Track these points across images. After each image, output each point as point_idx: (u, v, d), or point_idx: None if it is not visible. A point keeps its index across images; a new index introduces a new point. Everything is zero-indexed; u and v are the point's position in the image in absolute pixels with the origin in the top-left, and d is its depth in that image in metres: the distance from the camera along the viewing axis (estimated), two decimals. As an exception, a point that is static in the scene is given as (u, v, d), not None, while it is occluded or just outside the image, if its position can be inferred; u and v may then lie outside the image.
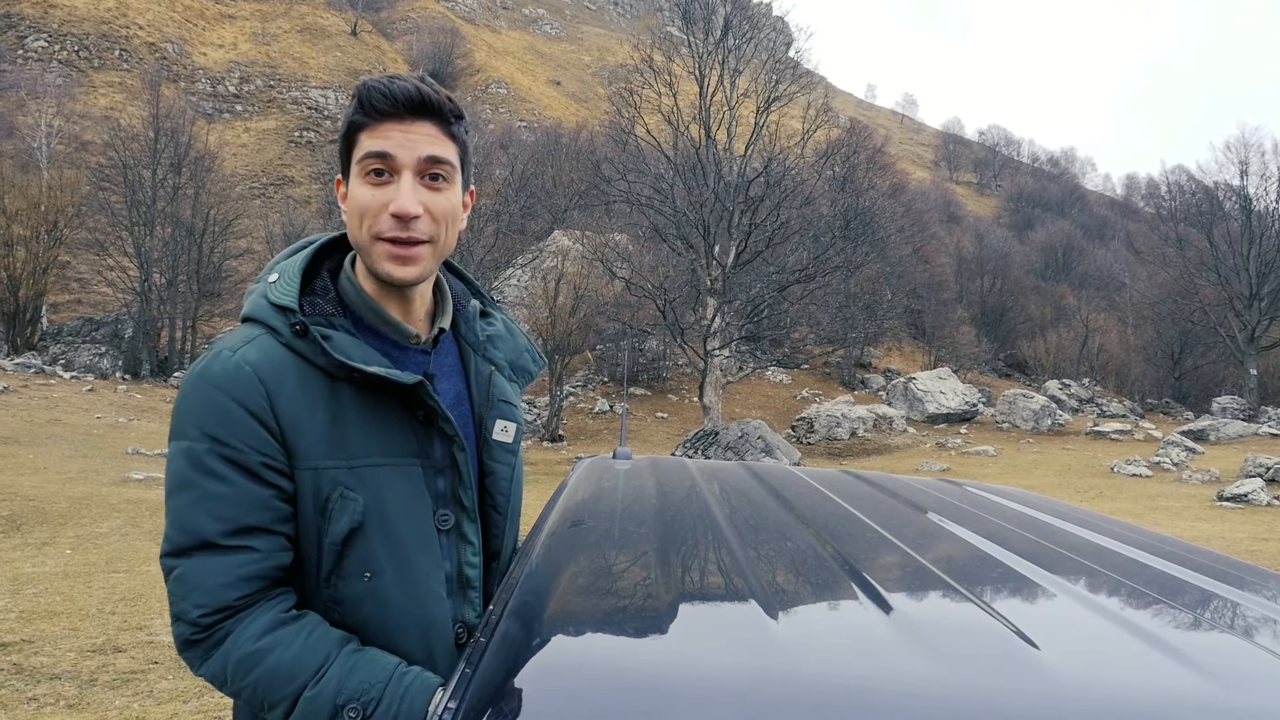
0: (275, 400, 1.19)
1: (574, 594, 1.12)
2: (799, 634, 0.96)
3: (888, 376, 38.51)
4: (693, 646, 0.92)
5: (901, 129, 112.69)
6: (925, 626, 0.97)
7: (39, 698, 4.64)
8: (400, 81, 1.22)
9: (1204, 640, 1.04)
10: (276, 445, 1.20)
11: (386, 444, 1.25)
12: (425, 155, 1.23)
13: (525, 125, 59.00)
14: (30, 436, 16.71)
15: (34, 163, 34.45)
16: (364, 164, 1.23)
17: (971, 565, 1.32)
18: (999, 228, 69.47)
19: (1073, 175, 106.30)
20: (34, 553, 8.22)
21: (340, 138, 1.27)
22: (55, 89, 41.07)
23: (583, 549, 1.39)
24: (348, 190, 1.28)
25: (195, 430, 1.18)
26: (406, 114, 1.22)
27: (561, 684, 0.82)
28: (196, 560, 1.17)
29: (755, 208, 24.80)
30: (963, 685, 0.82)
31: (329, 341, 1.22)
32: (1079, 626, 1.05)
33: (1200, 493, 16.51)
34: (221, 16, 60.05)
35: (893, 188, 47.47)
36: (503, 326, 1.50)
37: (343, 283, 1.33)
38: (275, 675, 1.14)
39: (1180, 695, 0.84)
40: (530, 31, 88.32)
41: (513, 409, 1.42)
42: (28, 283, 29.86)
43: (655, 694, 0.79)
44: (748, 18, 29.17)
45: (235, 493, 1.17)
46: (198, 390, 1.20)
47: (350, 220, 1.27)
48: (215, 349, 1.24)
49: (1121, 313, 46.95)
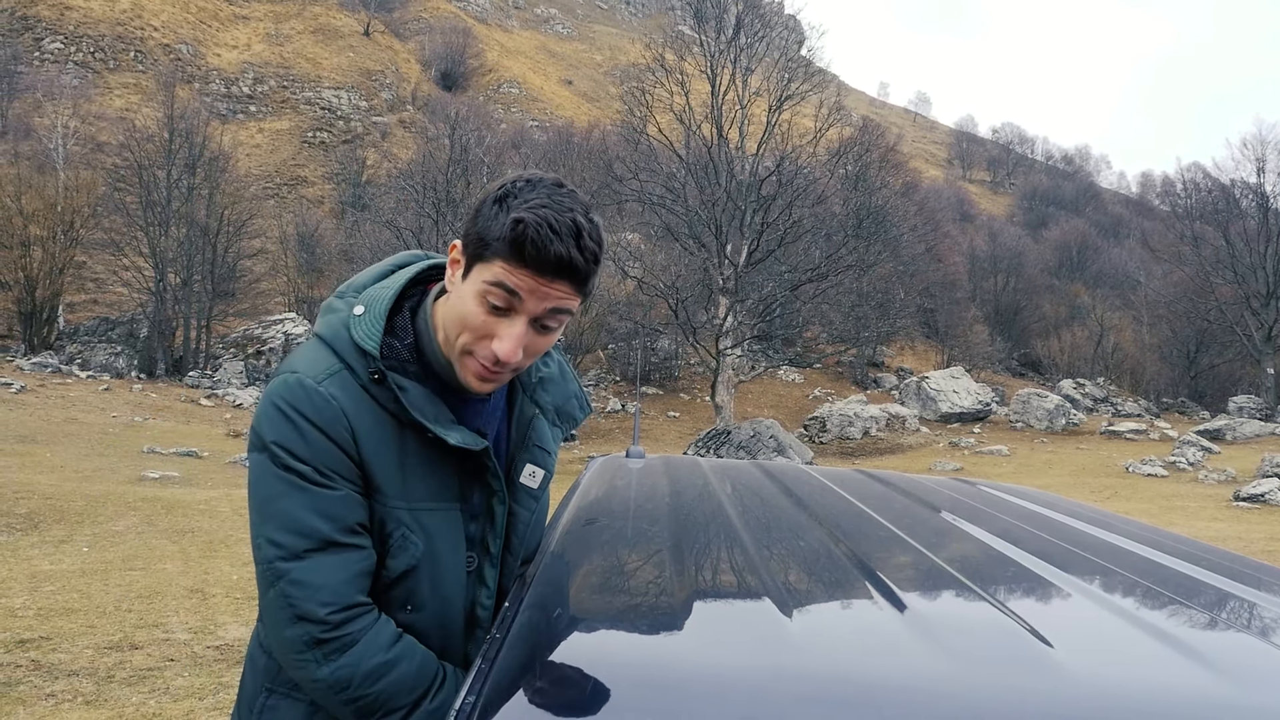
0: (357, 437, 1.23)
1: (588, 591, 1.13)
2: (812, 631, 0.96)
3: (900, 376, 38.38)
4: (706, 644, 0.92)
5: (914, 127, 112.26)
6: (938, 624, 0.97)
7: (57, 694, 4.68)
8: (557, 244, 1.15)
9: (1218, 639, 1.04)
10: (360, 477, 1.24)
11: (437, 489, 1.29)
12: (550, 308, 1.21)
13: (537, 125, 59.08)
14: (47, 435, 16.84)
15: (50, 164, 34.71)
16: (489, 289, 1.18)
17: (984, 563, 1.31)
18: (1013, 226, 69.10)
19: (1087, 173, 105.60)
20: (51, 550, 8.29)
21: (475, 233, 1.21)
22: (71, 90, 41.38)
23: (597, 547, 1.40)
24: (461, 278, 1.23)
25: (287, 453, 1.20)
26: (551, 273, 1.17)
27: (575, 678, 0.83)
28: (314, 561, 1.19)
29: (767, 206, 24.77)
30: (975, 682, 0.82)
31: (404, 394, 1.24)
32: (1092, 625, 1.05)
33: (1217, 493, 16.39)
34: (235, 18, 60.36)
35: (905, 186, 47.30)
36: (557, 369, 1.48)
37: (420, 325, 1.32)
38: (402, 684, 1.20)
39: (1192, 693, 0.84)
40: (542, 31, 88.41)
41: (546, 456, 1.43)
42: (44, 283, 30.10)
43: (668, 689, 0.79)
44: (759, 16, 29.13)
45: (342, 495, 1.21)
46: (288, 416, 1.21)
47: (450, 319, 1.25)
48: (298, 374, 1.24)
49: (1137, 311, 46.65)
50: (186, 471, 14.33)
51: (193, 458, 16.20)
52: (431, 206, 30.06)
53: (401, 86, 60.44)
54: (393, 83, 59.59)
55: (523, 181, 1.20)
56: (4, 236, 29.55)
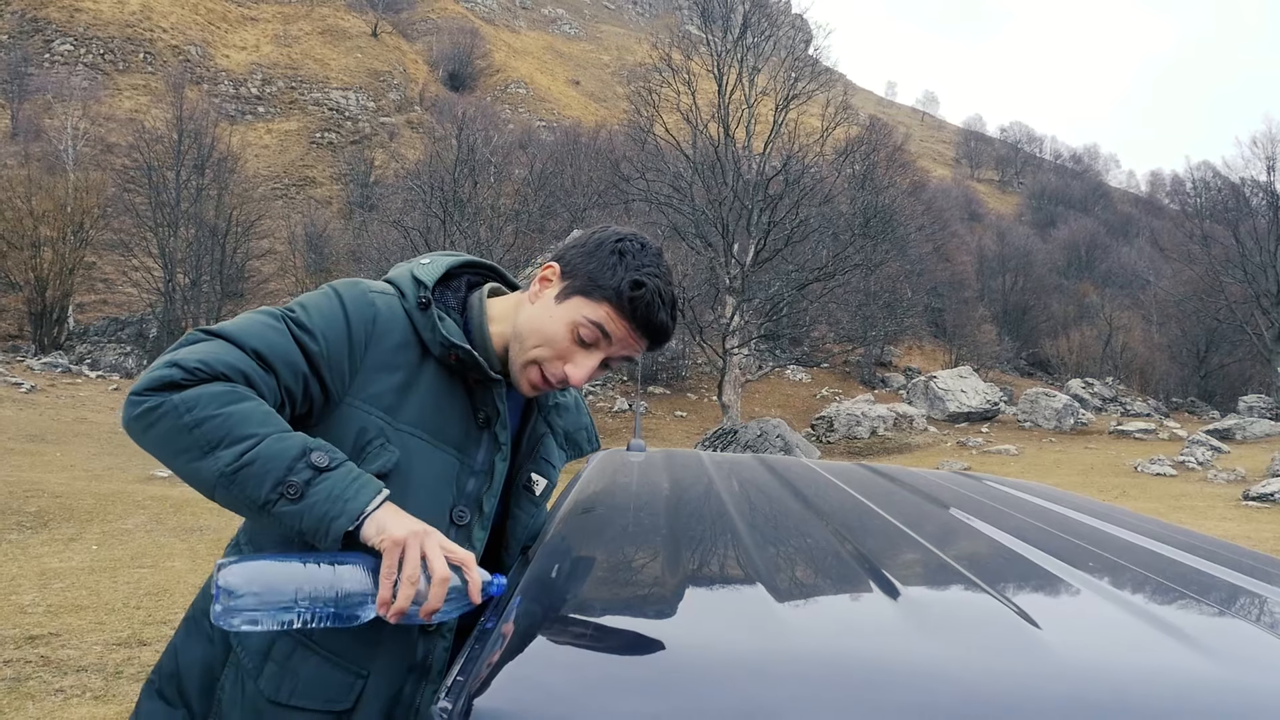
0: (373, 342, 1.31)
1: (584, 575, 1.15)
2: (803, 614, 0.97)
3: (908, 375, 38.30)
4: (697, 626, 0.94)
5: (922, 126, 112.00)
6: (929, 608, 0.98)
7: (65, 689, 4.71)
8: (661, 314, 1.33)
9: (1209, 623, 1.04)
10: (344, 366, 1.30)
11: (436, 427, 1.34)
12: (623, 356, 1.38)
13: (544, 125, 59.15)
14: (57, 435, 16.94)
15: (60, 165, 34.92)
16: (584, 323, 1.33)
17: (977, 550, 1.33)
18: (1021, 225, 68.90)
19: (1096, 172, 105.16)
20: (61, 548, 8.34)
21: (588, 274, 1.35)
22: (81, 92, 41.62)
23: (594, 533, 1.44)
24: (554, 299, 1.36)
25: (307, 308, 1.32)
26: (643, 333, 1.35)
27: (569, 658, 0.84)
28: (224, 344, 1.22)
29: (774, 205, 24.74)
30: (961, 661, 0.83)
31: (442, 323, 1.34)
32: (1081, 608, 1.05)
33: (1226, 492, 16.32)
34: (244, 19, 60.57)
35: (913, 185, 47.13)
36: (574, 401, 1.60)
37: (472, 301, 1.45)
38: (252, 415, 1.15)
39: (1178, 674, 0.84)
40: (549, 31, 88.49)
41: (550, 469, 1.52)
42: (54, 283, 30.27)
43: (658, 667, 0.80)
44: (766, 15, 29.12)
45: (284, 341, 1.27)
46: (328, 295, 1.34)
47: (530, 328, 1.36)
48: (357, 281, 1.38)
49: (1146, 311, 46.46)
50: (195, 470, 14.37)
51: (201, 457, 16.26)
52: (439, 206, 30.12)
53: (409, 87, 60.56)
54: (400, 83, 59.70)
55: (639, 244, 1.37)
56: (15, 237, 29.75)
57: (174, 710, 1.34)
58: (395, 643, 1.29)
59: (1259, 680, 0.84)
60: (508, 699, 0.73)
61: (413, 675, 1.31)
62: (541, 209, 37.38)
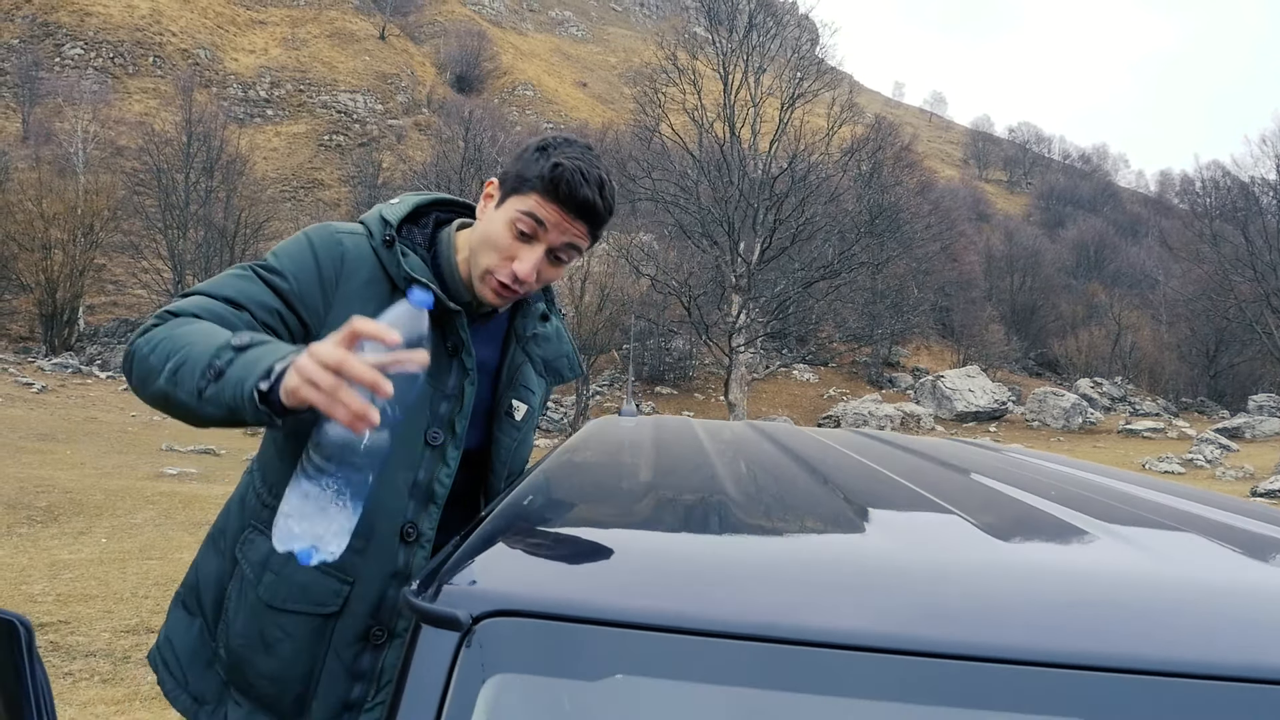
0: (343, 279, 1.41)
1: (557, 494, 1.22)
2: (762, 515, 1.02)
3: (916, 375, 38.25)
4: (665, 538, 1.00)
5: (930, 127, 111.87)
6: (871, 501, 1.03)
7: (74, 673, 4.77)
8: (586, 188, 1.38)
9: (1156, 535, 1.09)
10: (316, 301, 1.40)
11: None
12: (566, 242, 1.42)
13: (552, 127, 59.27)
14: (68, 434, 17.06)
15: (71, 168, 35.15)
16: (519, 218, 1.40)
17: (943, 482, 1.38)
18: (1029, 225, 68.77)
19: (1105, 172, 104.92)
20: (70, 541, 8.41)
21: (515, 172, 1.42)
22: (91, 95, 41.87)
23: (576, 467, 1.53)
24: (493, 212, 1.44)
25: (277, 254, 1.43)
26: (574, 213, 1.40)
27: (531, 553, 0.91)
28: (200, 297, 1.35)
29: (780, 204, 24.77)
30: (918, 559, 0.88)
31: (405, 259, 1.42)
32: (1035, 520, 1.10)
33: (1234, 489, 16.27)
34: (252, 22, 60.90)
35: (920, 185, 47.11)
36: (554, 331, 1.66)
37: (441, 236, 1.53)
38: (196, 328, 1.24)
39: (1117, 569, 0.90)
40: (556, 34, 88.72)
41: (530, 394, 1.60)
42: (65, 285, 30.46)
43: (631, 568, 0.85)
44: (772, 14, 29.14)
45: (253, 286, 1.38)
46: (298, 239, 1.46)
47: (479, 240, 1.45)
48: (328, 224, 1.49)
49: (1155, 310, 46.31)
50: (205, 468, 14.47)
51: (211, 455, 16.36)
52: (446, 207, 30.16)
53: (417, 90, 60.80)
54: (408, 86, 59.94)
55: (562, 139, 1.44)
56: (26, 239, 29.95)
57: (193, 619, 1.53)
58: (378, 553, 1.40)
59: (1180, 571, 0.92)
60: (469, 585, 0.78)
61: (395, 581, 1.41)
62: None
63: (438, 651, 0.69)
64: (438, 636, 0.70)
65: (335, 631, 1.40)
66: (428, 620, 0.72)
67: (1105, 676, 0.64)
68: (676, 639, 0.68)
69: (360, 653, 1.40)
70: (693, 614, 0.71)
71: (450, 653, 0.69)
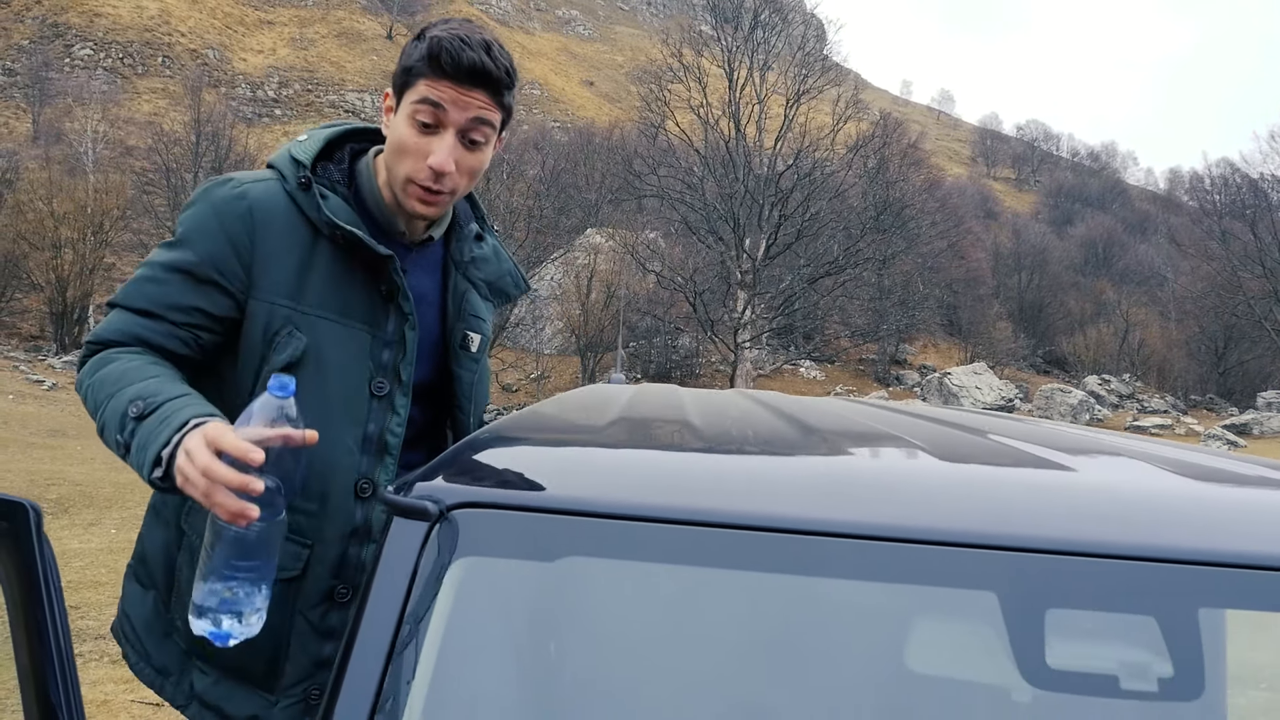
0: (258, 236, 1.35)
1: (532, 426, 1.30)
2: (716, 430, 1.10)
3: (922, 372, 38.18)
4: (617, 451, 1.12)
5: (938, 125, 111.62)
6: (837, 437, 1.10)
7: (84, 654, 4.87)
8: (469, 51, 1.30)
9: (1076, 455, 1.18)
10: (240, 273, 1.35)
11: (343, 306, 1.38)
12: (472, 118, 1.34)
13: (559, 125, 59.38)
14: (78, 430, 17.19)
15: (81, 167, 35.35)
16: (416, 109, 1.33)
17: (912, 426, 1.46)
18: (1037, 223, 68.55)
19: (1113, 170, 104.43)
20: (80, 532, 8.52)
21: (399, 69, 1.36)
22: (100, 95, 42.14)
23: (554, 407, 1.58)
24: (394, 120, 1.38)
25: (181, 233, 1.38)
26: (467, 81, 1.31)
27: (497, 467, 0.99)
28: (118, 313, 1.36)
29: (785, 200, 24.81)
30: (866, 467, 0.95)
31: (325, 201, 1.36)
32: (974, 447, 1.18)
33: (1240, 484, 16.23)
34: (261, 23, 61.17)
35: (928, 183, 47.04)
36: (491, 251, 1.60)
37: (360, 167, 1.46)
38: (106, 378, 1.27)
39: (1040, 478, 1.00)
40: (563, 33, 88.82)
41: (481, 323, 1.55)
42: (75, 284, 30.64)
43: (604, 470, 0.93)
44: (777, 10, 29.18)
45: (159, 287, 1.35)
46: (198, 206, 1.39)
47: (390, 151, 1.39)
48: (227, 176, 1.41)
49: (1163, 307, 46.15)
50: (212, 463, 14.56)
51: (219, 450, 16.47)
52: (453, 205, 30.21)
53: (424, 89, 60.93)
54: (415, 85, 60.08)
55: (439, 23, 1.37)
56: (36, 238, 30.15)
57: (147, 591, 1.49)
58: (335, 513, 1.38)
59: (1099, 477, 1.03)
60: (438, 484, 0.86)
61: (355, 538, 1.39)
62: (555, 206, 37.56)
63: (409, 540, 0.77)
64: (409, 526, 0.78)
65: (299, 594, 1.37)
66: (400, 512, 0.79)
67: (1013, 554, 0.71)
68: (619, 524, 0.76)
69: (327, 612, 1.38)
70: (633, 503, 0.79)
71: (420, 540, 0.77)
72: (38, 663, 0.73)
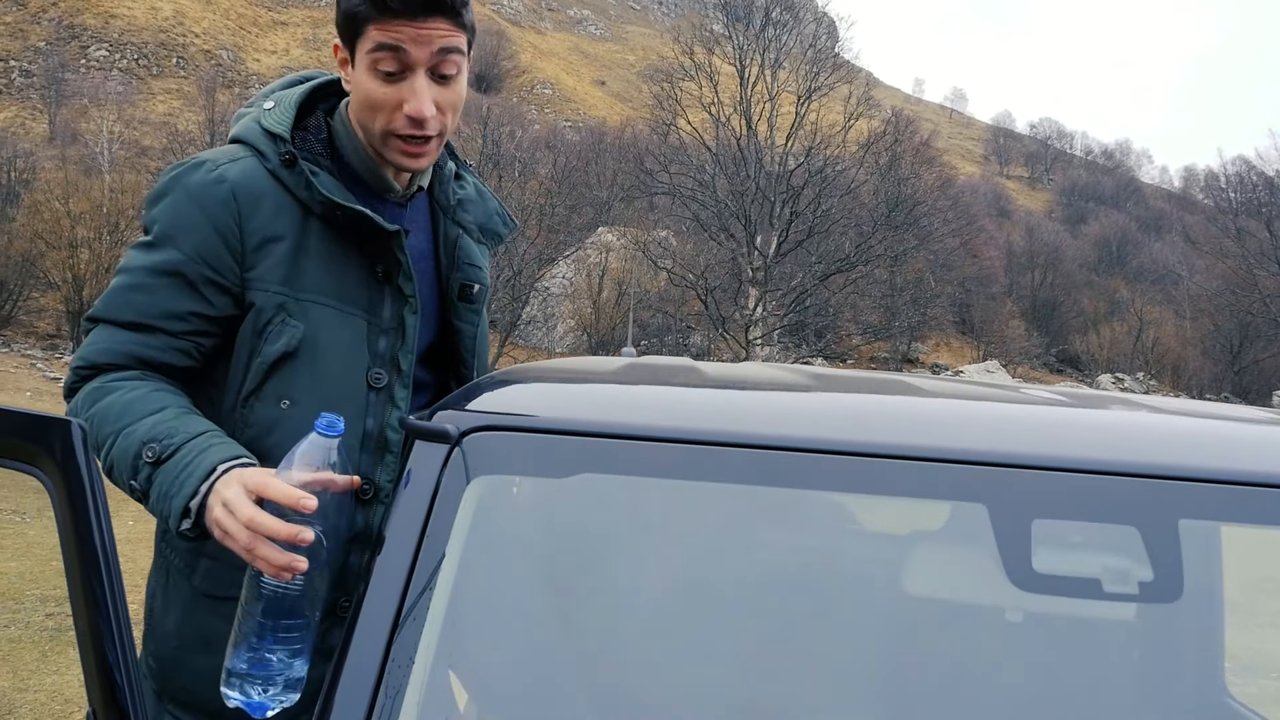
0: (245, 221, 1.23)
1: (545, 369, 1.35)
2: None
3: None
4: (625, 387, 1.18)
5: (950, 123, 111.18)
6: (839, 380, 1.17)
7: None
8: None
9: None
10: (233, 264, 1.24)
11: (336, 289, 1.27)
12: (438, 49, 1.19)
13: (570, 125, 59.51)
14: (94, 425, 17.36)
15: (96, 167, 35.67)
16: (374, 57, 1.19)
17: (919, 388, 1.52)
18: (1051, 221, 68.28)
19: (1128, 168, 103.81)
20: (99, 523, 8.62)
21: (341, 15, 1.23)
22: (116, 96, 42.49)
23: (564, 361, 1.63)
24: (354, 74, 1.25)
25: (160, 231, 1.24)
26: (421, 13, 1.17)
27: (512, 396, 1.05)
28: (103, 329, 1.23)
29: (796, 197, 24.83)
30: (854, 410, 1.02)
31: (316, 178, 1.24)
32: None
33: (1255, 481, 16.16)
34: (274, 23, 61.54)
35: (940, 181, 46.93)
36: (474, 190, 1.49)
37: (336, 125, 1.34)
38: (107, 413, 1.16)
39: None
40: (575, 32, 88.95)
41: (478, 271, 1.44)
42: (91, 283, 30.86)
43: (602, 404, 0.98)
44: (788, 8, 29.18)
45: (146, 296, 1.23)
46: (173, 196, 1.25)
47: (359, 109, 1.26)
48: (198, 158, 1.27)
49: (1178, 305, 45.93)
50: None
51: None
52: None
53: (436, 89, 61.15)
54: (427, 85, 60.31)
55: None
56: (53, 238, 30.44)
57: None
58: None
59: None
60: (456, 411, 0.93)
61: (355, 545, 1.27)
62: (567, 205, 37.66)
63: (430, 461, 0.83)
64: (430, 449, 0.83)
65: None
66: (421, 436, 0.85)
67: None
68: (626, 444, 0.83)
69: (328, 630, 1.17)
70: (637, 423, 0.86)
71: (440, 461, 0.83)
72: (88, 572, 0.78)
